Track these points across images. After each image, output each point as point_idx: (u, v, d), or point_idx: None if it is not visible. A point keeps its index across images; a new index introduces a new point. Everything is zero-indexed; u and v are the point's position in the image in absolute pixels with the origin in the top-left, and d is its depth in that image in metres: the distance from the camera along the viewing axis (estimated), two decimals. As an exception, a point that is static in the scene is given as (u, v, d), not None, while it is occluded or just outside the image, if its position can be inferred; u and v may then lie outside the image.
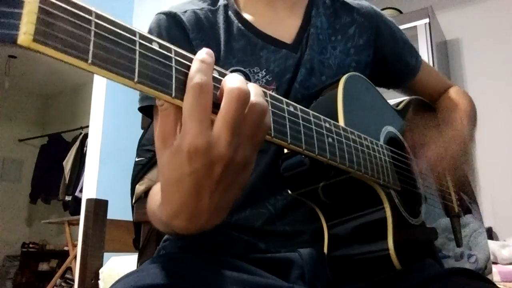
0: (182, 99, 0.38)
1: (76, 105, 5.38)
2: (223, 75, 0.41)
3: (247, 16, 0.76)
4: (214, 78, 0.40)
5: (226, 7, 0.76)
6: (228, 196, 0.41)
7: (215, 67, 0.41)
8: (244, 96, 0.38)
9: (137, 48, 0.35)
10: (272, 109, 0.45)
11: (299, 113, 0.49)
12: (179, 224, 0.43)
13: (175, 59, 0.38)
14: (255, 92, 0.40)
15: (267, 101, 0.45)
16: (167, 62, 0.37)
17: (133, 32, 0.36)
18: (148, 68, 0.36)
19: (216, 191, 0.40)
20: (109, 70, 0.33)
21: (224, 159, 0.38)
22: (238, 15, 0.76)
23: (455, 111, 0.83)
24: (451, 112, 0.83)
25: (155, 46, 0.37)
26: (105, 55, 0.33)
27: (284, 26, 0.77)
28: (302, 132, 0.48)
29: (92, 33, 0.32)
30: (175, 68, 0.38)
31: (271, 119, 0.44)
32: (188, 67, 0.39)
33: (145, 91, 0.36)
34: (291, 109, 0.48)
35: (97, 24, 0.33)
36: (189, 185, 0.39)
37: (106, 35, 0.34)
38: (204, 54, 0.39)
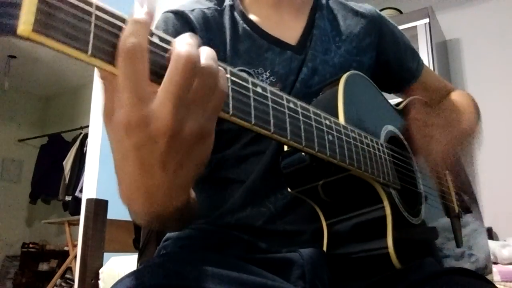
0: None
1: (76, 105, 5.37)
2: (167, 41, 0.37)
3: (252, 17, 0.76)
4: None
5: (232, 7, 0.76)
6: (185, 172, 0.39)
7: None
8: (192, 62, 0.35)
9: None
10: (272, 105, 0.45)
11: (299, 110, 0.49)
12: (137, 207, 0.42)
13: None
14: (206, 55, 0.37)
15: (267, 97, 0.45)
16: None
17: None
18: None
19: (167, 167, 0.37)
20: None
21: (167, 133, 0.35)
22: (244, 16, 0.76)
23: (457, 111, 0.83)
24: (454, 112, 0.83)
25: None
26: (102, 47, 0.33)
27: (289, 28, 0.77)
28: (302, 128, 0.48)
29: (92, 25, 0.32)
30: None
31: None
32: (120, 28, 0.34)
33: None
34: (291, 105, 0.48)
35: (97, 17, 0.33)
36: (134, 160, 0.37)
37: (106, 27, 0.33)
38: (142, 14, 0.35)
